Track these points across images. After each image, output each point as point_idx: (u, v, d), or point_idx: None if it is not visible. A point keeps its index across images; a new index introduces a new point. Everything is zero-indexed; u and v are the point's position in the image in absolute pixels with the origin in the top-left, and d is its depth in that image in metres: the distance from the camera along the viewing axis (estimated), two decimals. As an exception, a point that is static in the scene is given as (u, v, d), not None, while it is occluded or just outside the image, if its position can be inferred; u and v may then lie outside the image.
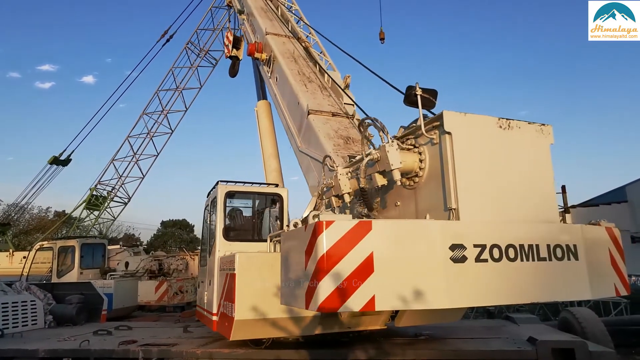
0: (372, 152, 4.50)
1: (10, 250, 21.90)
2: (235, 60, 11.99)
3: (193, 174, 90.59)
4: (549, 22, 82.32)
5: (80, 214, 25.70)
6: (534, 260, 3.70)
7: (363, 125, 5.43)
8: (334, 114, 7.49)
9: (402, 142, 4.37)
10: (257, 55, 9.91)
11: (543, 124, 4.28)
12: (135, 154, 26.11)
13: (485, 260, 3.52)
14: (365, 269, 3.27)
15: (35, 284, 10.80)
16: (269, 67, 9.49)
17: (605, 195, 17.23)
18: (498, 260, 3.56)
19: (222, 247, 6.33)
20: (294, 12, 10.69)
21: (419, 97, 4.12)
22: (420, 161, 4.22)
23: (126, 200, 26.79)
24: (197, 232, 46.58)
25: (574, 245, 3.91)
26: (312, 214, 3.53)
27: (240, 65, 12.27)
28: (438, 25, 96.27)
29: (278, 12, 10.40)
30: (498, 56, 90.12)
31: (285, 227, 5.44)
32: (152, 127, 26.09)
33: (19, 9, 75.53)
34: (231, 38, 11.69)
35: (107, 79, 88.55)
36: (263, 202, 7.39)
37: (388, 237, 3.41)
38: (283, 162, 10.15)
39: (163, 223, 50.68)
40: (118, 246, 19.69)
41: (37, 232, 34.84)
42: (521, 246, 3.68)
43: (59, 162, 25.55)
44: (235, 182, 6.93)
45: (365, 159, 4.57)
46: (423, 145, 4.23)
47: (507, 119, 4.12)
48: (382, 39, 14.95)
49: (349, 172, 5.22)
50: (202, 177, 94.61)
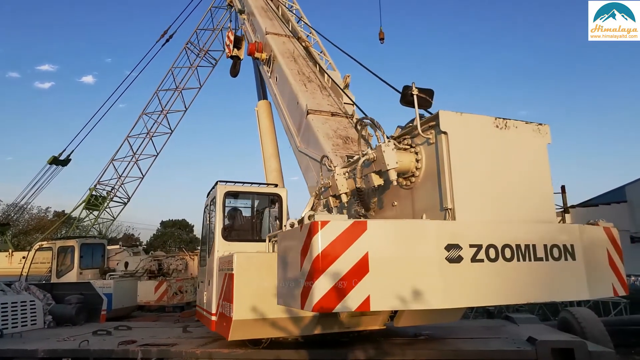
0: (369, 152, 4.50)
1: (10, 251, 21.90)
2: (236, 60, 11.98)
3: (193, 174, 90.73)
4: (549, 22, 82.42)
5: (79, 214, 25.74)
6: (530, 260, 3.69)
7: (360, 125, 5.42)
8: (333, 114, 7.48)
9: (399, 142, 4.37)
10: (257, 55, 9.90)
11: (540, 124, 4.26)
12: (134, 154, 26.15)
13: (482, 261, 3.51)
14: (361, 269, 3.26)
15: (35, 284, 10.78)
16: (269, 67, 9.49)
17: (604, 195, 17.25)
18: (494, 260, 3.55)
19: (221, 247, 6.32)
20: (294, 11, 10.67)
21: (415, 97, 4.12)
22: (417, 161, 4.22)
23: (126, 200, 26.83)
24: (196, 232, 46.62)
25: (571, 245, 3.89)
26: (308, 214, 3.53)
27: (241, 65, 12.30)
28: (438, 25, 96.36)
29: (279, 12, 10.39)
30: (498, 56, 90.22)
31: (283, 228, 5.44)
32: (152, 127, 26.15)
33: (18, 9, 75.61)
34: (232, 38, 11.69)
35: (106, 79, 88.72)
36: (262, 202, 7.39)
37: (383, 237, 3.40)
38: (283, 162, 10.17)
39: (162, 223, 50.78)
40: (117, 246, 19.68)
41: (36, 232, 34.90)
42: (518, 246, 3.66)
43: (59, 162, 25.58)
44: (235, 182, 6.92)
45: (362, 159, 4.56)
46: (419, 145, 4.23)
47: (504, 119, 4.10)
48: (381, 39, 14.95)
49: (346, 172, 5.21)
50: (201, 177, 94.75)
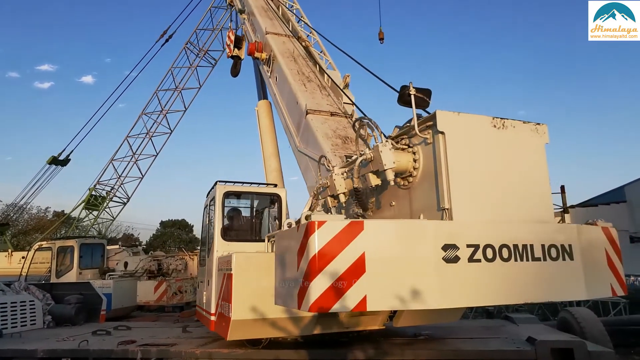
0: (366, 152, 4.49)
1: (9, 250, 21.88)
2: (236, 59, 11.96)
3: (192, 174, 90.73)
4: (549, 22, 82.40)
5: (79, 214, 25.73)
6: (528, 260, 3.67)
7: (357, 125, 5.43)
8: (332, 114, 7.47)
9: (397, 142, 4.36)
10: (257, 54, 9.89)
11: (538, 124, 4.25)
12: (134, 154, 26.14)
13: (479, 261, 3.49)
14: (357, 269, 3.25)
15: (34, 284, 10.77)
16: (269, 67, 9.48)
17: (604, 195, 17.28)
18: (491, 260, 3.54)
19: (221, 247, 6.32)
20: (294, 11, 10.66)
21: (412, 96, 4.11)
22: (415, 161, 4.20)
23: (125, 200, 26.82)
24: (196, 232, 46.66)
25: (569, 245, 3.88)
26: (305, 214, 3.52)
27: (242, 65, 12.29)
28: (437, 25, 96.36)
29: (279, 12, 10.38)
30: (498, 56, 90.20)
31: (282, 228, 5.44)
32: (152, 127, 26.15)
33: (18, 9, 75.57)
34: (232, 38, 11.66)
35: (106, 79, 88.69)
36: (262, 202, 7.39)
37: (380, 237, 3.39)
38: (283, 162, 10.16)
39: (162, 223, 50.78)
40: (117, 246, 19.66)
41: (36, 232, 34.88)
42: (515, 246, 3.64)
43: (58, 162, 25.58)
44: (234, 182, 6.92)
45: (359, 159, 4.56)
46: (417, 145, 4.22)
47: (502, 119, 4.08)
48: (381, 39, 14.96)
49: (344, 172, 5.21)
50: (201, 177, 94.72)
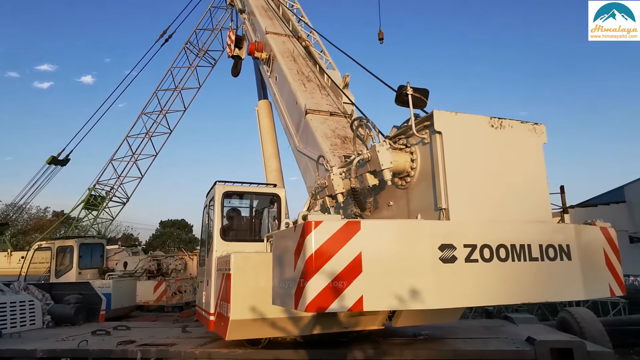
0: (364, 152, 4.49)
1: (9, 250, 21.89)
2: (237, 59, 11.95)
3: (192, 173, 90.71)
4: (549, 22, 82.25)
5: (78, 213, 25.78)
6: (525, 260, 3.66)
7: (355, 124, 5.43)
8: (332, 114, 7.47)
9: (395, 142, 4.36)
10: (257, 54, 9.88)
11: (536, 123, 4.23)
12: (134, 153, 26.18)
13: (476, 261, 3.48)
14: (354, 269, 3.24)
15: (34, 284, 10.76)
16: (269, 67, 9.47)
17: (603, 195, 17.32)
18: (489, 260, 3.52)
19: (220, 247, 6.32)
20: (295, 11, 10.65)
21: (409, 96, 4.10)
22: (412, 161, 4.20)
23: (125, 200, 26.87)
24: (195, 232, 46.66)
25: (567, 245, 3.86)
26: (302, 214, 3.52)
27: (242, 65, 12.28)
28: (437, 25, 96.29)
29: (279, 12, 10.36)
30: (498, 56, 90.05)
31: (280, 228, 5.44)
32: (151, 127, 26.19)
33: (17, 9, 75.50)
34: (233, 37, 11.65)
35: (106, 79, 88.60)
36: (261, 202, 7.39)
37: (377, 237, 3.38)
38: (283, 162, 10.16)
39: (162, 223, 50.76)
40: (117, 246, 19.65)
41: (35, 232, 34.89)
42: (513, 246, 3.63)
43: (58, 161, 25.61)
44: (234, 182, 6.92)
45: (356, 158, 4.56)
46: (414, 145, 4.21)
47: (499, 118, 4.07)
48: (380, 39, 14.94)
49: (342, 172, 5.20)
50: (201, 177, 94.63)
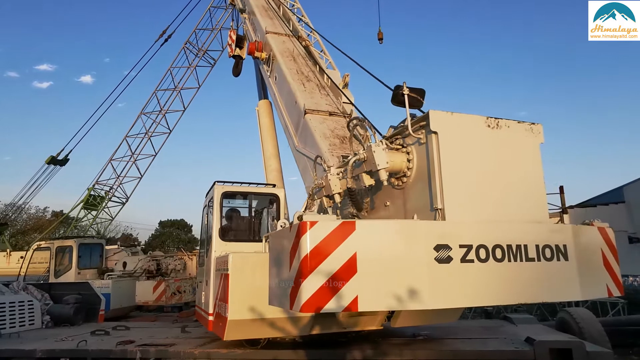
0: (360, 152, 4.48)
1: (8, 250, 21.90)
2: (238, 59, 11.92)
3: (191, 173, 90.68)
4: (549, 22, 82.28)
5: (78, 213, 25.78)
6: (522, 260, 3.64)
7: (351, 125, 5.43)
8: (331, 114, 7.46)
9: (391, 142, 4.35)
10: (257, 54, 9.87)
11: (533, 123, 4.22)
12: (133, 153, 26.18)
13: (472, 261, 3.46)
14: (349, 269, 3.24)
15: (33, 284, 10.75)
16: (269, 66, 9.46)
17: (602, 195, 17.30)
18: (485, 260, 3.51)
19: (219, 247, 6.32)
20: (295, 10, 10.64)
21: (405, 96, 4.10)
22: (409, 161, 4.19)
23: (124, 200, 26.86)
24: (195, 232, 46.67)
25: (564, 246, 3.85)
26: (297, 214, 3.51)
27: (243, 65, 12.26)
28: (437, 25, 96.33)
29: (280, 11, 10.35)
30: (498, 56, 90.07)
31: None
32: (150, 127, 26.20)
33: (17, 9, 75.46)
34: (234, 37, 11.63)
35: (105, 79, 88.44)
36: (261, 203, 7.39)
37: (372, 237, 3.37)
38: (284, 162, 10.15)
39: (161, 223, 50.76)
40: (116, 246, 19.66)
41: (34, 232, 34.90)
42: (509, 246, 3.62)
43: (57, 161, 25.59)
44: (233, 183, 6.92)
45: (352, 159, 4.56)
46: (411, 145, 4.20)
47: (496, 118, 4.06)
48: (380, 39, 14.93)
49: (340, 173, 5.20)
50: (200, 177, 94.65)
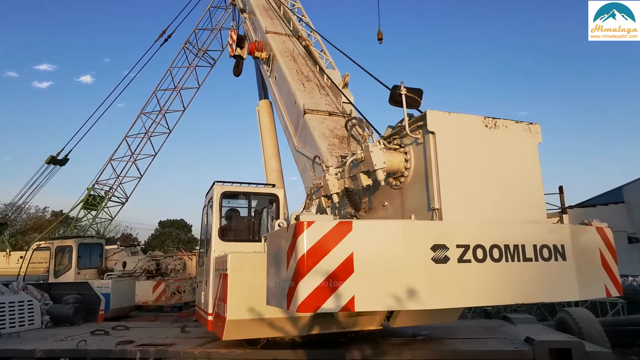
0: (357, 152, 4.48)
1: (7, 250, 21.88)
2: (239, 59, 11.93)
3: (191, 173, 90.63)
4: (549, 22, 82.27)
5: (77, 213, 25.78)
6: (519, 260, 3.63)
7: (349, 124, 5.44)
8: (330, 114, 7.46)
9: (389, 142, 4.34)
10: (257, 54, 9.87)
11: (531, 123, 4.21)
12: (133, 153, 26.17)
13: (469, 261, 3.45)
14: (346, 269, 3.23)
15: (32, 284, 10.76)
16: (269, 66, 9.46)
17: (602, 195, 17.31)
18: (482, 260, 3.50)
19: (218, 247, 6.32)
20: (296, 10, 10.64)
21: (403, 96, 4.09)
22: (406, 161, 4.18)
23: (124, 200, 26.85)
24: (194, 232, 46.65)
25: (562, 246, 3.84)
26: (294, 214, 3.51)
27: (244, 65, 12.26)
28: (437, 25, 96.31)
29: (280, 11, 10.35)
30: (497, 56, 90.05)
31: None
32: (150, 127, 26.18)
33: (17, 9, 75.43)
34: (235, 37, 11.64)
35: (105, 79, 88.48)
36: (260, 203, 7.39)
37: (369, 237, 3.36)
38: (284, 162, 10.15)
39: (161, 223, 50.68)
40: (115, 246, 19.63)
41: (34, 232, 34.87)
42: (506, 246, 3.61)
43: (57, 161, 25.58)
44: (232, 183, 6.92)
45: (350, 159, 4.55)
46: (408, 145, 4.20)
47: (493, 118, 4.05)
48: (380, 39, 14.93)
49: (338, 172, 5.19)
50: (200, 177, 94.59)
